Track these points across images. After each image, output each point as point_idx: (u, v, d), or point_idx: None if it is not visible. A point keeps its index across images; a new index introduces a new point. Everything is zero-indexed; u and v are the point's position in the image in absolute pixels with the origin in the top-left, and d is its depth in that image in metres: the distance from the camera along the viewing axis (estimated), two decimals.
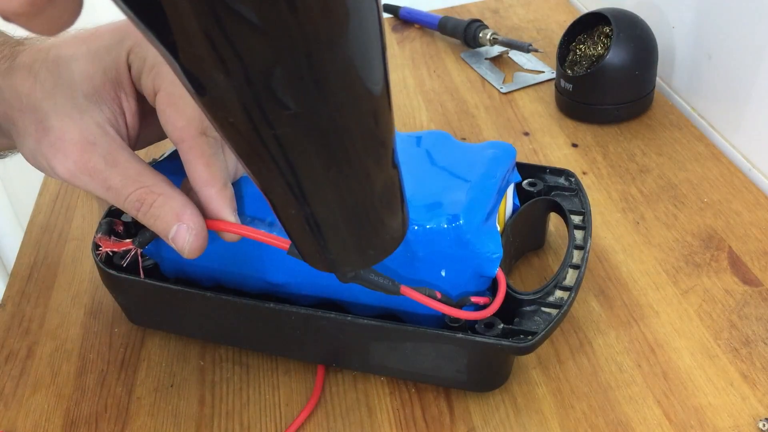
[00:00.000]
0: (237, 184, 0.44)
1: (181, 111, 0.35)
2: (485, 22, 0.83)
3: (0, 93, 0.39)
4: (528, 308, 0.44)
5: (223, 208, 0.37)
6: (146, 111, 0.41)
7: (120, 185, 0.37)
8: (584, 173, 0.63)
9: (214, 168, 0.36)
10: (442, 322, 0.43)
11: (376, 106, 0.25)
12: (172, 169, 0.43)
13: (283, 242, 0.40)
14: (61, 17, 0.19)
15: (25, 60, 0.39)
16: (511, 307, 0.44)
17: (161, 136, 0.43)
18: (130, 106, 0.38)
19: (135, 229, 0.50)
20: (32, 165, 0.40)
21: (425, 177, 0.46)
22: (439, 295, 0.42)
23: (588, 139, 0.67)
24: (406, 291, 0.41)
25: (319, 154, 0.25)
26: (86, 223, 0.63)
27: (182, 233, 0.37)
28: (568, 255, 0.47)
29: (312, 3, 0.19)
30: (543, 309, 0.44)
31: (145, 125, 0.42)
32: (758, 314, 0.49)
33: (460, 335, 0.42)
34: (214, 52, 0.20)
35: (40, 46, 0.40)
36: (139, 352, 0.51)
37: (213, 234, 0.46)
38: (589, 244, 0.48)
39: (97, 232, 0.48)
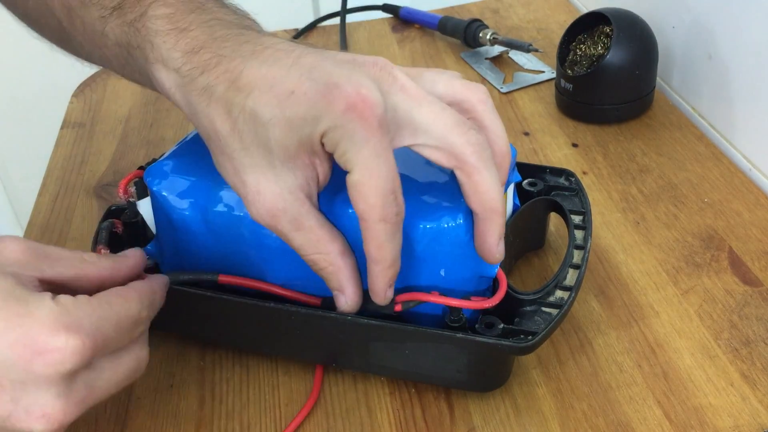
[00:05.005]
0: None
1: (364, 197, 0.38)
2: (485, 22, 0.83)
3: (195, 114, 0.41)
4: (528, 308, 0.44)
5: (381, 284, 0.41)
6: None
7: (299, 246, 0.41)
8: (584, 173, 0.63)
9: (383, 251, 0.40)
10: (442, 322, 0.43)
11: None
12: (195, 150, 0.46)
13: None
14: None
15: (220, 92, 0.39)
16: (512, 307, 0.44)
17: None
18: (323, 169, 0.41)
19: (135, 228, 0.50)
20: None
21: (425, 177, 0.46)
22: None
23: (588, 139, 0.67)
24: (402, 297, 0.42)
25: None
26: (86, 223, 0.63)
27: (341, 301, 0.43)
28: (569, 255, 0.47)
29: None
30: (543, 309, 0.44)
31: None
32: (758, 314, 0.49)
33: (460, 335, 0.42)
34: None
35: (234, 76, 0.39)
36: None
37: (213, 233, 0.46)
38: (589, 244, 0.48)
39: (98, 240, 0.48)
